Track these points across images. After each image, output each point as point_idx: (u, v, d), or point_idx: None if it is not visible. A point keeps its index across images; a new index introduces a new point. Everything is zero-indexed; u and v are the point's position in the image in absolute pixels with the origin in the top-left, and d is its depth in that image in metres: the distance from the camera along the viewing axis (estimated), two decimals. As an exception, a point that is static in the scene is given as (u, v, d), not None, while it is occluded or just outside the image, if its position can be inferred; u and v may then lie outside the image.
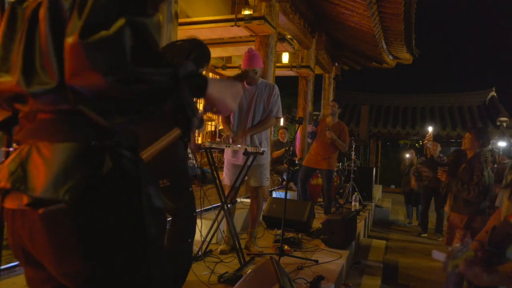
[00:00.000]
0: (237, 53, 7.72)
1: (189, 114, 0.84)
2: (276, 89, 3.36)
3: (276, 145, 7.00)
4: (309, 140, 5.31)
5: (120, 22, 0.69)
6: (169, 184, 1.93)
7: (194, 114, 0.85)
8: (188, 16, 6.42)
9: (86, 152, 0.76)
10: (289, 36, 7.89)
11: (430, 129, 3.99)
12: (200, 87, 0.84)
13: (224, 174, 3.43)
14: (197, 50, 2.03)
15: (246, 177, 3.39)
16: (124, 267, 0.79)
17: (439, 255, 1.56)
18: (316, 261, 3.19)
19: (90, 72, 0.67)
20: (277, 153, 6.72)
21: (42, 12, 0.76)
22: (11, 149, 1.43)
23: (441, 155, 6.39)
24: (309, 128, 5.31)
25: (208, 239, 3.18)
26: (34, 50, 0.78)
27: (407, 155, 8.60)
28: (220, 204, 3.06)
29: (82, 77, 0.68)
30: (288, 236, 3.70)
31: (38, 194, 0.73)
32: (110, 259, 0.77)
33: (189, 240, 2.05)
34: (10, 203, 0.80)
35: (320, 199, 6.50)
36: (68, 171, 0.74)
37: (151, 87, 0.72)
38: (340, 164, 7.97)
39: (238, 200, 3.76)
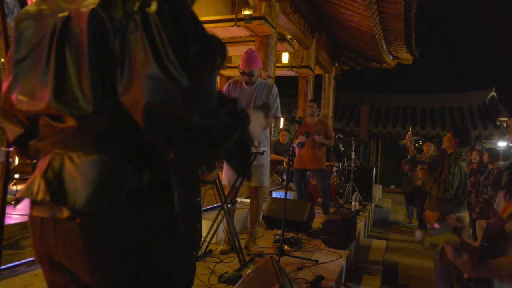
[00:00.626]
0: (237, 53, 7.71)
1: (248, 147, 0.86)
2: (275, 88, 3.36)
3: (276, 146, 6.99)
4: (297, 149, 5.32)
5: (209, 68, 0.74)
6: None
7: (250, 147, 0.88)
8: (188, 16, 6.41)
9: (124, 165, 0.77)
10: (289, 36, 7.89)
11: (410, 129, 4.14)
12: (247, 121, 0.86)
13: (223, 174, 3.43)
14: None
15: (246, 177, 3.38)
16: (157, 273, 0.81)
17: (420, 235, 1.57)
18: (316, 261, 3.19)
19: (175, 109, 0.70)
20: (276, 157, 6.71)
21: (82, 35, 0.74)
22: (10, 149, 1.43)
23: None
24: (301, 139, 5.28)
25: (208, 239, 3.18)
26: (67, 71, 0.76)
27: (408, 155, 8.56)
28: (220, 204, 3.06)
29: (162, 110, 0.70)
30: (288, 236, 3.70)
31: (80, 207, 0.74)
32: (145, 266, 0.79)
33: (194, 252, 2.05)
34: (39, 212, 0.80)
35: (320, 199, 6.50)
36: (108, 184, 0.75)
37: (221, 128, 0.76)
38: (340, 164, 7.97)
39: (238, 200, 3.76)
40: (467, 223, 3.35)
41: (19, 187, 2.75)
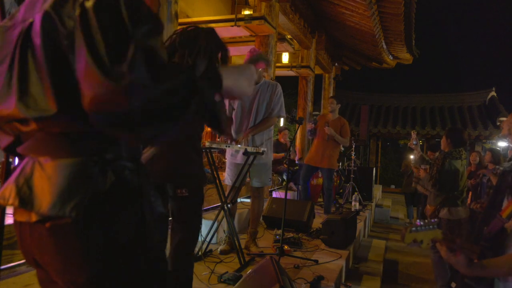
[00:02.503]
0: (237, 53, 7.71)
1: (216, 111, 0.83)
2: (279, 88, 3.36)
3: (276, 146, 6.98)
4: (309, 137, 5.34)
5: (132, 49, 0.69)
6: (188, 195, 1.93)
7: (220, 109, 0.85)
8: (188, 16, 6.42)
9: (88, 167, 0.77)
10: (289, 36, 7.89)
11: (413, 133, 4.35)
12: (217, 82, 0.84)
13: (226, 174, 3.44)
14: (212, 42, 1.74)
15: (248, 178, 3.39)
16: (127, 274, 0.81)
17: (402, 232, 1.57)
18: (316, 261, 3.19)
19: (116, 103, 0.67)
20: (276, 155, 6.71)
21: (37, 38, 0.75)
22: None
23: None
24: (309, 126, 5.31)
25: (208, 239, 3.18)
26: (28, 75, 0.77)
27: (411, 156, 8.52)
28: (220, 204, 3.06)
29: (106, 106, 0.68)
30: (288, 236, 3.70)
31: (45, 212, 0.76)
32: (114, 267, 0.80)
33: (192, 252, 2.06)
34: (18, 216, 0.83)
35: (320, 199, 6.50)
36: (72, 188, 0.76)
37: (172, 99, 0.72)
38: (340, 164, 7.97)
39: (238, 200, 3.76)
40: (464, 218, 3.51)
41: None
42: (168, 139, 0.81)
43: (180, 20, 3.80)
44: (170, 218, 2.05)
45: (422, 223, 1.45)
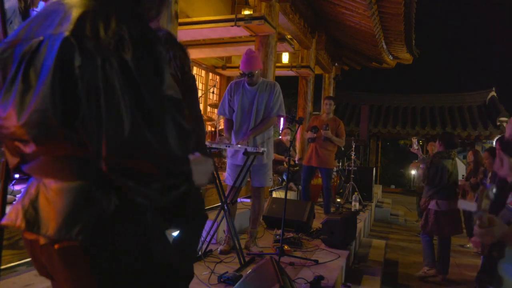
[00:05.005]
0: (237, 53, 7.71)
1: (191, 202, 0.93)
2: (277, 87, 3.36)
3: (277, 145, 6.98)
4: (309, 142, 5.37)
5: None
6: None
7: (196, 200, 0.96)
8: (188, 16, 6.42)
9: (92, 191, 0.78)
10: (289, 36, 7.88)
11: (413, 140, 4.95)
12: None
13: (226, 174, 3.44)
14: None
15: (249, 178, 3.39)
16: None
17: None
18: (316, 261, 3.19)
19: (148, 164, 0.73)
20: (278, 157, 6.71)
21: (48, 57, 0.75)
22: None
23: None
24: (309, 134, 5.31)
25: (208, 239, 3.18)
26: (28, 92, 0.77)
27: None
28: (220, 204, 3.06)
29: (134, 163, 0.73)
30: (288, 236, 3.70)
31: (52, 236, 0.77)
32: (124, 285, 0.82)
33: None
34: (27, 235, 0.84)
35: (320, 199, 6.50)
36: (77, 212, 0.77)
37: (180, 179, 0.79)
38: (340, 164, 7.97)
39: (238, 200, 3.76)
40: (454, 210, 4.04)
41: (19, 187, 2.75)
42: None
43: (180, 20, 3.80)
44: None
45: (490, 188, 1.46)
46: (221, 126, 6.47)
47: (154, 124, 0.72)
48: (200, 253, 3.06)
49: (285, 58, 8.69)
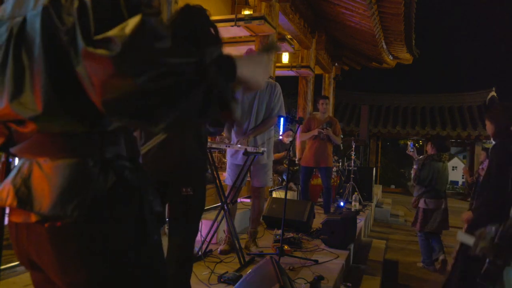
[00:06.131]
0: (237, 53, 7.57)
1: (229, 100, 0.77)
2: (278, 88, 3.36)
3: (278, 145, 6.99)
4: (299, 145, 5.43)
5: (137, 19, 0.65)
6: (193, 194, 1.93)
7: (233, 99, 0.79)
8: (188, 16, 6.40)
9: (89, 168, 0.77)
10: (289, 36, 7.88)
11: (408, 144, 5.25)
12: (231, 70, 0.80)
13: (226, 174, 3.44)
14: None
15: (249, 178, 3.38)
16: (127, 275, 0.81)
17: (465, 237, 1.58)
18: (316, 261, 3.19)
19: (120, 80, 0.64)
20: (278, 155, 6.72)
21: (35, 36, 0.74)
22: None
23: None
24: (312, 133, 5.33)
25: (208, 239, 3.18)
26: (23, 73, 0.76)
27: None
28: (220, 204, 3.06)
29: (111, 88, 0.65)
30: (288, 236, 3.70)
31: (45, 212, 0.75)
32: (115, 268, 0.79)
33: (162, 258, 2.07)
34: (14, 217, 0.82)
35: (320, 199, 6.50)
36: (73, 188, 0.75)
37: (178, 79, 0.67)
38: (340, 164, 7.97)
39: (238, 200, 3.76)
40: (441, 209, 4.36)
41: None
42: (184, 126, 0.78)
43: (180, 20, 3.80)
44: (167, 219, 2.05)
45: (489, 229, 1.48)
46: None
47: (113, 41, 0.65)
48: (200, 253, 3.06)
49: (285, 58, 8.69)
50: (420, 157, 4.67)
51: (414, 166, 4.65)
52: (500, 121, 2.56)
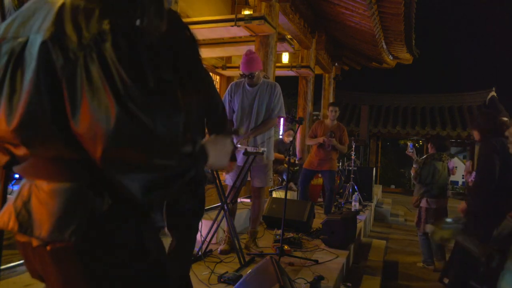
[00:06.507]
0: (237, 53, 7.71)
1: (203, 181, 0.90)
2: (278, 88, 3.35)
3: (279, 145, 6.99)
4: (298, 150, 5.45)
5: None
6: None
7: (205, 181, 0.91)
8: (188, 16, 6.42)
9: (84, 192, 0.77)
10: (289, 36, 7.88)
11: (408, 145, 5.23)
12: (205, 159, 0.88)
13: (226, 174, 3.44)
14: None
15: (249, 178, 3.38)
16: None
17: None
18: (316, 261, 3.19)
19: (136, 153, 0.70)
20: (278, 155, 6.72)
21: (31, 59, 0.74)
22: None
23: None
24: (315, 140, 5.36)
25: (208, 239, 3.18)
26: (14, 94, 0.76)
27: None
28: (220, 204, 3.06)
29: (122, 154, 0.70)
30: (288, 236, 3.70)
31: (44, 237, 0.76)
32: (117, 286, 0.81)
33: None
34: (19, 237, 0.84)
35: (320, 199, 6.50)
36: (69, 213, 0.76)
37: (179, 168, 0.77)
38: (340, 164, 7.97)
39: (238, 200, 3.77)
40: (443, 207, 4.41)
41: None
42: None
43: (180, 20, 3.80)
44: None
45: (451, 220, 1.50)
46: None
47: (141, 111, 0.69)
48: (200, 253, 3.06)
49: (285, 58, 8.68)
50: (422, 157, 4.72)
51: (414, 165, 4.73)
52: (482, 127, 2.83)
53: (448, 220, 1.51)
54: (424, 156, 4.56)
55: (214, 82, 8.77)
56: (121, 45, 0.71)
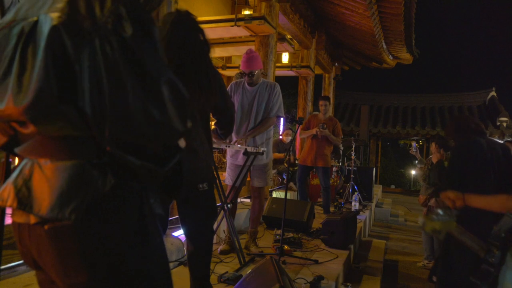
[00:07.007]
0: (237, 53, 7.71)
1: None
2: (277, 88, 3.35)
3: (278, 145, 6.99)
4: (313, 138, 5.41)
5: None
6: (207, 188, 1.99)
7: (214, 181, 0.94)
8: (188, 16, 6.41)
9: (88, 170, 0.77)
10: (289, 36, 7.88)
11: (413, 142, 5.25)
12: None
13: (226, 174, 3.44)
14: None
15: (248, 178, 3.38)
16: (127, 277, 0.81)
17: (420, 220, 1.65)
18: (316, 261, 3.19)
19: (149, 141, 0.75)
20: (278, 155, 6.72)
21: (41, 40, 0.74)
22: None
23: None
24: (308, 133, 5.34)
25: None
26: (25, 72, 0.76)
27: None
28: (220, 204, 3.06)
29: (134, 139, 0.74)
30: (288, 236, 3.70)
31: (44, 214, 0.75)
32: (114, 270, 0.79)
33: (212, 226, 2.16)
34: (16, 217, 0.83)
35: (320, 199, 6.50)
36: (71, 190, 0.75)
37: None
38: (340, 163, 7.96)
39: (238, 200, 3.76)
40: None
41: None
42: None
43: (180, 20, 3.80)
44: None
45: (442, 212, 1.50)
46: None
47: (157, 103, 0.73)
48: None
49: (285, 58, 8.69)
50: (428, 157, 4.75)
51: (418, 165, 4.76)
52: (455, 134, 2.73)
53: (439, 211, 1.51)
54: (430, 158, 4.58)
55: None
56: (138, 28, 0.72)
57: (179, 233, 3.30)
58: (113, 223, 0.78)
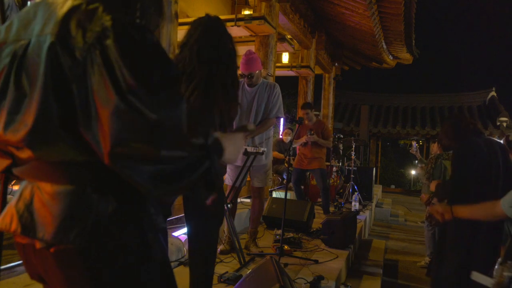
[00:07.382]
0: (237, 53, 7.70)
1: (214, 178, 0.84)
2: (277, 88, 3.35)
3: (279, 145, 6.98)
4: (298, 148, 5.44)
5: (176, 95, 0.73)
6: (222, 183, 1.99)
7: (218, 177, 0.86)
8: (188, 16, 6.41)
9: (88, 195, 0.77)
10: (289, 36, 7.89)
11: (413, 142, 5.30)
12: (221, 152, 0.85)
13: (226, 174, 3.44)
14: None
15: (249, 178, 3.38)
16: None
17: (480, 278, 1.52)
18: (316, 261, 3.19)
19: (143, 146, 0.69)
20: (279, 155, 6.72)
21: (38, 62, 0.73)
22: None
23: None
24: (302, 140, 5.34)
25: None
26: (23, 99, 0.76)
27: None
28: (220, 204, 3.06)
29: (130, 149, 0.69)
30: (288, 236, 3.70)
31: (48, 240, 0.76)
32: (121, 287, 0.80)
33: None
34: (19, 239, 0.83)
35: (320, 199, 6.49)
36: (74, 216, 0.76)
37: (190, 159, 0.74)
38: (340, 163, 7.96)
39: (238, 200, 3.76)
40: None
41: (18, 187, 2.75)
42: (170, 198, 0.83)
43: (180, 20, 3.80)
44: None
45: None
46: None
47: (144, 105, 0.69)
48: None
49: (285, 58, 8.68)
50: (430, 157, 4.76)
51: (419, 165, 4.78)
52: (455, 135, 2.69)
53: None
54: (434, 156, 4.64)
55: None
56: (123, 41, 0.71)
57: (179, 233, 3.30)
58: (116, 246, 0.79)
